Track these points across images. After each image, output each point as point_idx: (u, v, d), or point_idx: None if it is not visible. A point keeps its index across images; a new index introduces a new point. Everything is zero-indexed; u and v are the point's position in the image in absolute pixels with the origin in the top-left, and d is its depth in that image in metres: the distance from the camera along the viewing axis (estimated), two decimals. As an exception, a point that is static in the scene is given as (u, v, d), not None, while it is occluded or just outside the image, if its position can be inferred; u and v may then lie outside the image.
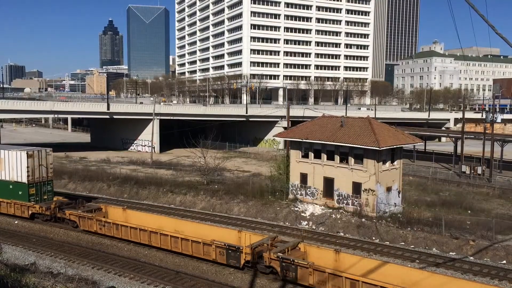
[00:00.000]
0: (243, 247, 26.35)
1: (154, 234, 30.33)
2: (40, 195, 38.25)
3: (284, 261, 24.55)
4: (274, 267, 25.14)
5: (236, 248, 26.57)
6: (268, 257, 25.19)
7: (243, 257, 26.13)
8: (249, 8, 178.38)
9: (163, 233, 30.00)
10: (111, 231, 32.68)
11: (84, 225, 34.49)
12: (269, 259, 25.16)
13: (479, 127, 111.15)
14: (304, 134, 40.38)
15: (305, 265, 23.82)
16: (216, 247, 27.28)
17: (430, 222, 34.62)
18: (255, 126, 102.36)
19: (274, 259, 24.92)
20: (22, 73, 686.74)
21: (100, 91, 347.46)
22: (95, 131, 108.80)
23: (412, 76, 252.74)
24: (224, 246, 27.03)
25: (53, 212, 36.83)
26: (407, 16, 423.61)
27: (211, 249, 27.49)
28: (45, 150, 38.60)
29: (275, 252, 25.22)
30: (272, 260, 25.06)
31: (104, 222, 33.25)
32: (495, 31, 12.09)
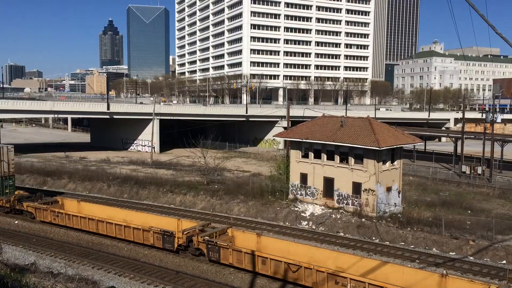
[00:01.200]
0: (176, 232, 29.43)
1: (101, 222, 33.46)
2: (2, 189, 40.53)
3: (209, 243, 27.71)
4: (202, 249, 28.37)
5: (170, 233, 29.61)
6: (196, 240, 28.43)
7: (176, 241, 29.24)
8: (249, 8, 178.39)
9: (108, 222, 33.14)
10: (64, 221, 35.75)
11: (40, 216, 37.53)
12: (197, 242, 28.42)
13: (479, 127, 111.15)
14: (304, 134, 40.38)
15: (225, 246, 26.97)
16: (153, 233, 30.35)
17: (430, 222, 34.62)
18: (255, 126, 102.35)
19: (201, 242, 28.16)
20: (22, 73, 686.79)
21: (100, 91, 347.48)
22: (95, 131, 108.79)
23: (412, 76, 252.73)
24: (160, 231, 30.06)
25: (12, 204, 39.48)
26: (407, 16, 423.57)
27: (150, 235, 30.62)
28: (7, 146, 41.59)
29: (203, 236, 28.40)
30: (200, 243, 28.33)
31: (57, 212, 36.32)
32: (495, 31, 12.09)
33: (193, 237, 28.79)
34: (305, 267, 23.69)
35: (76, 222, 34.92)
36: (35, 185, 54.60)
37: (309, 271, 23.50)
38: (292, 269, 24.16)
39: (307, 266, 23.68)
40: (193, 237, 28.79)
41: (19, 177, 57.37)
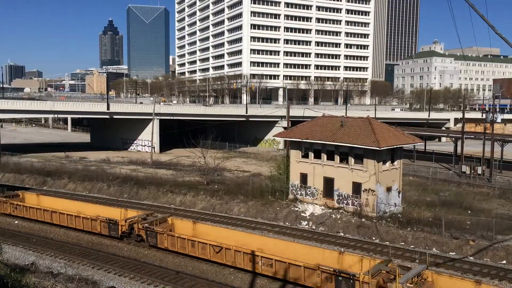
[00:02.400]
0: (119, 220, 32.39)
1: (54, 213, 36.38)
2: None
3: (147, 230, 30.81)
4: (142, 235, 31.42)
5: (114, 222, 32.61)
6: (137, 227, 31.66)
7: (120, 229, 32.22)
8: (249, 8, 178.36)
9: (61, 212, 35.93)
10: (22, 213, 38.63)
11: (0, 208, 40.25)
12: (138, 229, 31.62)
13: (479, 127, 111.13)
14: (304, 134, 40.38)
15: (161, 232, 30.11)
16: (100, 221, 33.48)
17: (430, 222, 34.62)
18: (255, 126, 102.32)
19: (141, 228, 31.28)
20: (22, 73, 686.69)
21: (100, 91, 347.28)
22: (95, 131, 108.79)
23: (412, 76, 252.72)
24: (106, 220, 33.20)
25: None
26: (407, 16, 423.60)
27: (97, 224, 33.63)
28: None
29: (143, 224, 31.47)
30: (140, 229, 31.48)
31: (16, 205, 39.20)
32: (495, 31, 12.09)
33: (134, 225, 31.90)
34: (225, 248, 26.98)
35: (33, 213, 37.88)
36: (35, 185, 54.63)
37: (229, 251, 26.83)
38: (216, 250, 27.47)
39: (227, 247, 26.99)
40: (134, 225, 31.90)
41: (19, 177, 57.43)
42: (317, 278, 23.27)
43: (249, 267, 26.13)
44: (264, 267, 25.51)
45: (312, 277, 23.57)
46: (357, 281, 21.65)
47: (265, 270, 25.56)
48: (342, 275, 22.37)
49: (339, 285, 22.34)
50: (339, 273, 22.54)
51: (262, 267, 25.57)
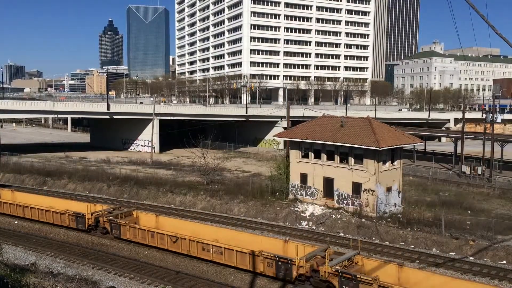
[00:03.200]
0: (86, 214, 34.59)
1: (26, 208, 38.25)
2: None
3: (112, 222, 32.96)
4: (107, 227, 33.59)
5: (82, 215, 34.75)
6: (102, 220, 33.83)
7: (87, 222, 34.38)
8: (249, 8, 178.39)
9: (32, 207, 37.91)
10: None
11: None
12: (103, 222, 33.84)
13: (479, 127, 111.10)
14: (304, 134, 40.37)
15: (124, 224, 32.25)
16: (69, 215, 35.53)
17: (430, 222, 34.61)
18: (255, 126, 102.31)
19: (106, 221, 33.53)
20: (22, 73, 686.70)
21: (100, 91, 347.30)
22: (95, 131, 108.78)
23: (412, 76, 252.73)
24: (74, 214, 35.28)
25: None
26: (407, 16, 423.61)
27: (66, 217, 35.74)
28: None
29: (107, 216, 33.58)
30: (105, 222, 33.71)
31: None
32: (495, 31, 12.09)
33: (100, 218, 34.08)
34: (181, 238, 29.09)
35: (7, 208, 39.84)
36: (35, 185, 54.62)
37: (184, 241, 28.97)
38: (172, 240, 29.57)
39: (182, 237, 29.04)
40: (100, 218, 34.08)
41: (19, 177, 57.43)
42: (260, 263, 25.54)
43: (202, 255, 28.28)
44: (216, 255, 27.59)
45: (257, 263, 25.75)
46: (293, 265, 24.16)
47: (216, 257, 27.60)
48: (281, 260, 24.81)
49: (279, 269, 24.82)
50: (279, 259, 24.92)
51: (214, 255, 27.68)
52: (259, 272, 25.77)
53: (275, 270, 24.98)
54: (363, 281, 21.76)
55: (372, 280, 21.48)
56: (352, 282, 22.05)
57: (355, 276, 22.02)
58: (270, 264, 25.22)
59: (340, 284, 22.64)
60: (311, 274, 23.83)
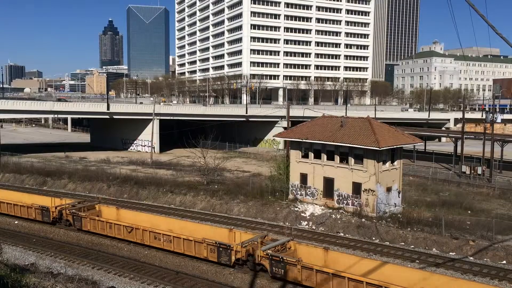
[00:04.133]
0: (50, 207, 36.69)
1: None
2: None
3: (74, 215, 35.16)
4: (70, 220, 35.71)
5: (46, 208, 36.78)
6: (65, 213, 36.05)
7: (51, 215, 36.43)
8: (249, 8, 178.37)
9: (1, 201, 39.55)
10: None
11: None
12: (66, 215, 36.01)
13: (479, 127, 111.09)
14: (304, 134, 40.37)
15: (85, 217, 34.48)
16: (35, 209, 37.36)
17: (430, 222, 34.60)
18: (255, 126, 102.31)
19: (69, 214, 35.62)
20: (22, 73, 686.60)
21: (100, 91, 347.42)
22: (95, 131, 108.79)
23: (412, 76, 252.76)
24: (39, 207, 37.29)
25: None
26: (407, 16, 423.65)
27: (32, 211, 37.62)
28: None
29: (70, 209, 35.73)
30: (68, 215, 35.71)
31: None
32: (495, 31, 12.09)
33: (63, 211, 36.20)
34: (135, 228, 31.47)
35: None
36: (35, 185, 54.61)
37: (138, 231, 31.33)
38: (128, 230, 31.92)
39: (137, 227, 31.45)
40: (63, 211, 36.20)
41: (19, 177, 57.42)
42: (204, 250, 28.06)
43: (154, 243, 30.68)
44: (166, 243, 30.03)
45: (201, 249, 28.31)
46: (232, 250, 26.86)
47: (167, 245, 30.03)
48: (222, 246, 27.36)
49: (220, 254, 27.41)
50: (219, 245, 27.46)
51: (164, 243, 30.11)
52: (203, 257, 28.19)
53: (217, 255, 27.50)
54: (289, 262, 24.72)
55: (296, 261, 24.50)
56: (280, 263, 24.97)
57: (282, 258, 24.97)
58: (212, 250, 27.71)
59: (271, 265, 25.40)
60: (247, 258, 26.65)
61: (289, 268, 24.75)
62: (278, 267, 25.11)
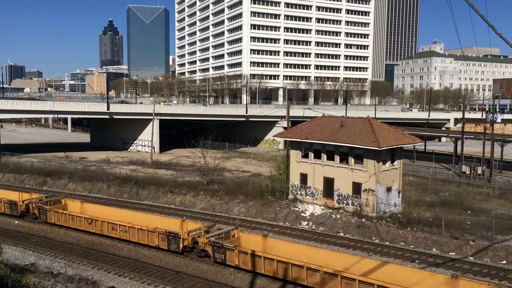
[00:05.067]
0: (18, 201, 38.74)
1: None
2: None
3: (39, 208, 37.48)
4: (36, 213, 38.01)
5: (15, 203, 38.90)
6: (31, 207, 38.38)
7: (19, 208, 38.65)
8: (249, 8, 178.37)
9: None
10: None
11: None
12: (32, 208, 38.35)
13: (479, 127, 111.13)
14: (304, 134, 40.37)
15: (49, 210, 36.74)
16: (4, 203, 39.70)
17: (430, 222, 34.60)
18: (255, 126, 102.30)
19: (35, 207, 37.98)
20: (22, 73, 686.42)
21: (100, 91, 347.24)
22: (95, 131, 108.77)
23: (412, 76, 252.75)
24: (8, 202, 39.45)
25: None
26: (407, 16, 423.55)
27: (1, 205, 39.75)
28: None
29: (36, 203, 38.01)
30: (34, 208, 38.08)
31: None
32: (495, 31, 12.09)
33: (29, 205, 38.44)
34: (95, 220, 33.79)
35: None
36: (35, 185, 54.61)
37: (98, 222, 33.69)
38: (88, 222, 34.17)
39: (96, 219, 33.82)
40: (29, 205, 38.44)
41: (19, 177, 57.41)
42: (156, 238, 30.23)
43: (112, 233, 33.04)
44: (122, 233, 32.36)
45: (153, 238, 30.44)
46: (180, 238, 29.07)
47: (123, 235, 32.39)
48: (171, 235, 29.57)
49: (169, 242, 29.62)
50: (169, 234, 29.68)
51: (121, 233, 32.42)
52: (155, 246, 30.46)
53: (167, 243, 29.72)
54: (228, 248, 27.00)
55: (234, 247, 26.92)
56: (221, 249, 27.28)
57: (222, 244, 27.27)
58: (163, 239, 29.93)
59: (213, 251, 27.71)
60: (193, 245, 28.95)
61: (228, 254, 26.99)
62: (219, 252, 27.43)
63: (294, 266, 24.46)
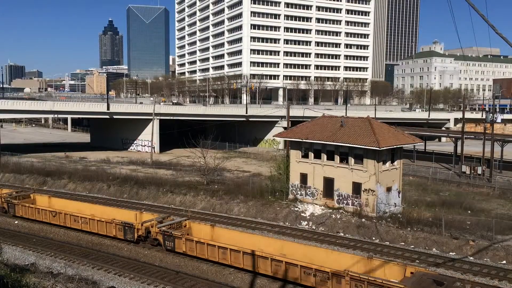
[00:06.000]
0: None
1: None
2: None
3: (8, 203, 39.56)
4: (5, 207, 40.01)
5: None
6: (1, 201, 40.29)
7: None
8: (249, 8, 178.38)
9: None
10: None
11: None
12: (1, 203, 40.24)
13: (479, 127, 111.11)
14: (304, 134, 40.37)
15: (17, 204, 39.07)
16: None
17: (430, 222, 34.60)
18: (255, 126, 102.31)
19: (4, 202, 40.00)
20: (22, 73, 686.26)
21: (100, 91, 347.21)
22: (95, 131, 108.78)
23: (412, 76, 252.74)
24: None
25: None
26: (407, 16, 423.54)
27: None
28: None
29: (5, 198, 40.04)
30: (3, 203, 40.13)
31: None
32: (495, 31, 12.10)
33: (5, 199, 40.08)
34: (58, 212, 36.04)
35: None
36: (35, 185, 54.60)
37: (61, 215, 35.86)
38: (53, 214, 36.24)
39: (60, 212, 35.99)
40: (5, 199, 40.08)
41: (19, 177, 57.41)
42: (113, 229, 32.88)
43: (74, 225, 35.34)
44: (83, 225, 34.63)
45: (111, 229, 32.97)
46: (134, 228, 31.66)
47: (84, 226, 34.62)
48: (126, 225, 32.09)
49: (125, 232, 32.20)
50: (124, 224, 32.19)
51: (82, 224, 34.69)
52: (113, 236, 32.92)
53: (123, 233, 32.17)
54: (176, 236, 29.39)
55: (181, 235, 29.24)
56: (170, 237, 29.64)
57: (171, 233, 29.64)
58: (120, 229, 32.35)
59: (163, 240, 30.12)
60: (146, 235, 31.34)
61: (177, 241, 29.31)
62: (169, 240, 29.77)
63: (232, 251, 26.88)
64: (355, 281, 21.45)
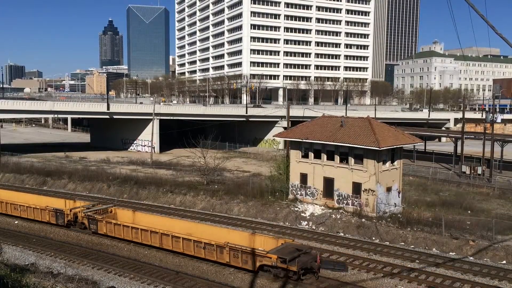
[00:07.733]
0: None
1: None
2: None
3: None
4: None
5: None
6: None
7: None
8: (249, 8, 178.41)
9: None
10: None
11: None
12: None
13: (479, 127, 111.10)
14: (304, 134, 40.37)
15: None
16: None
17: (430, 222, 34.60)
18: (255, 126, 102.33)
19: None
20: (22, 73, 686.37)
21: (100, 91, 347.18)
22: (95, 131, 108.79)
23: (412, 76, 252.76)
24: None
25: None
26: (407, 16, 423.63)
27: None
28: None
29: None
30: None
31: None
32: (495, 31, 12.10)
33: None
34: (6, 203, 39.81)
35: None
36: (35, 185, 54.60)
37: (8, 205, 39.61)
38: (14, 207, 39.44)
39: (7, 202, 39.79)
40: None
41: (19, 177, 57.41)
42: (47, 215, 36.95)
43: (15, 213, 39.16)
44: (22, 212, 38.44)
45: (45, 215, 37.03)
46: (64, 214, 35.94)
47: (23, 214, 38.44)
48: (58, 212, 36.29)
49: (57, 218, 36.36)
50: (56, 211, 36.41)
51: (21, 212, 38.49)
52: (47, 221, 36.97)
53: (55, 219, 36.31)
54: (98, 220, 33.58)
55: (102, 219, 33.47)
56: (94, 221, 33.89)
57: (94, 217, 33.92)
58: (53, 215, 36.45)
59: (88, 223, 34.46)
60: (74, 219, 35.76)
61: (99, 224, 33.41)
62: (92, 224, 33.94)
63: (142, 231, 31.12)
64: (233, 251, 26.76)
